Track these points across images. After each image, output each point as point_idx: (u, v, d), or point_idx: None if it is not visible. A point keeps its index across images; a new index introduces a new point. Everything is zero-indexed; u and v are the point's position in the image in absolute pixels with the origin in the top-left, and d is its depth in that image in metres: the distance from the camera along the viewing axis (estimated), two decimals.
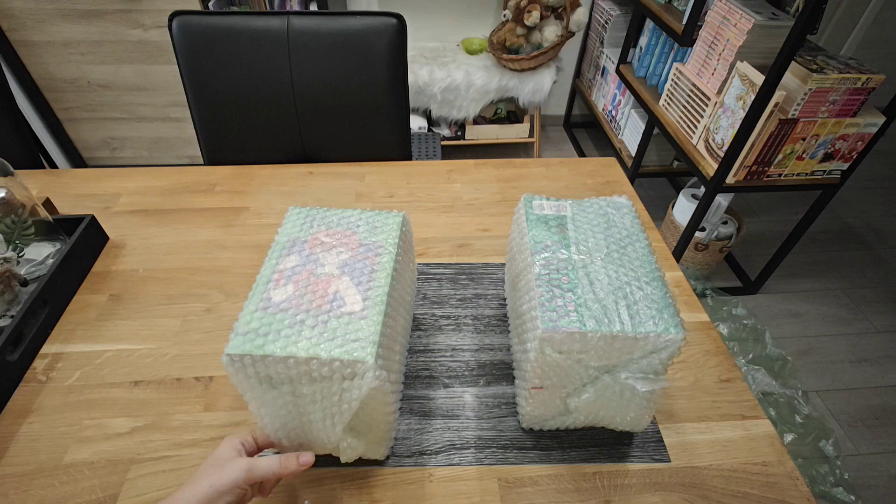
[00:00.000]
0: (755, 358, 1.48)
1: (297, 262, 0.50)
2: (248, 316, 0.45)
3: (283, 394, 0.44)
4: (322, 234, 0.54)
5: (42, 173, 0.93)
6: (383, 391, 0.45)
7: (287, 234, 0.54)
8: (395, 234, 0.54)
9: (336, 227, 0.55)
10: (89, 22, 1.77)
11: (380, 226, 0.55)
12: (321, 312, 0.45)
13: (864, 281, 1.85)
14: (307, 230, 0.54)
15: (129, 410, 0.58)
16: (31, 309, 0.62)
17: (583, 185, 0.94)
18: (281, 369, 0.43)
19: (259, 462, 0.43)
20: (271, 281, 0.48)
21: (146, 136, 2.10)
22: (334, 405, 0.44)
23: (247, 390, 0.45)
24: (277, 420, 0.46)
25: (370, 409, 0.47)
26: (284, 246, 0.52)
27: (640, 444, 0.57)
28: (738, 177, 1.41)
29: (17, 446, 0.54)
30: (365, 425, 0.49)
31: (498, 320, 0.70)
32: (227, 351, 0.42)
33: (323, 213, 0.57)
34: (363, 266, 0.50)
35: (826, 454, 1.29)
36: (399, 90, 1.03)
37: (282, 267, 0.50)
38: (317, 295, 0.47)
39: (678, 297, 0.73)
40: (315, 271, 0.49)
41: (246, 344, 0.42)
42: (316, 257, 0.51)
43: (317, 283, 0.48)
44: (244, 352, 0.42)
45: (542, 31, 1.93)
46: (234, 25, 0.94)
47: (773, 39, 1.32)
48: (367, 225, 0.55)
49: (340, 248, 0.52)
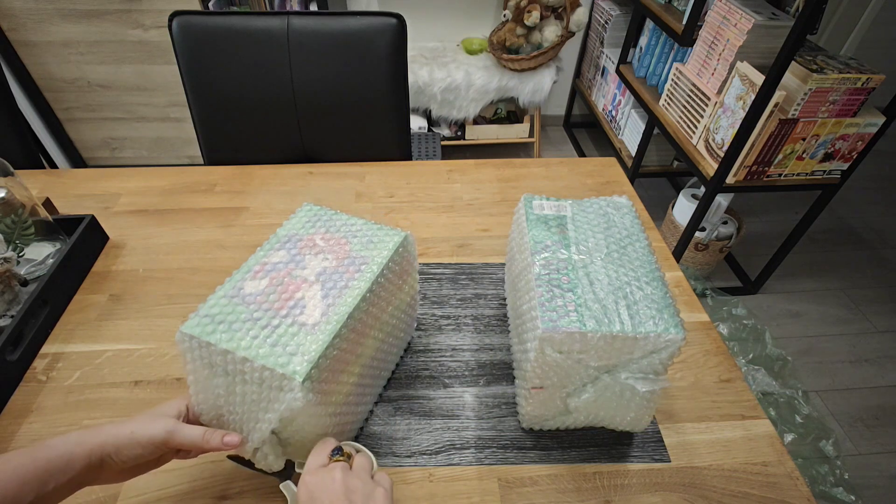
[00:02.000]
0: (755, 358, 1.48)
1: (282, 259, 0.49)
2: (215, 300, 0.45)
3: (218, 385, 0.44)
4: (319, 237, 0.52)
5: (42, 173, 0.93)
6: (313, 413, 0.43)
7: (290, 228, 0.53)
8: (386, 252, 0.51)
9: (335, 233, 0.53)
10: (89, 22, 1.77)
11: (376, 241, 0.53)
12: (278, 316, 0.44)
13: (864, 281, 1.85)
14: (308, 228, 0.53)
15: (129, 410, 0.58)
16: (31, 309, 0.62)
17: (583, 185, 0.94)
18: (219, 361, 0.42)
19: (183, 428, 0.42)
20: (251, 271, 0.48)
21: (146, 136, 2.10)
22: (260, 411, 0.43)
23: (190, 371, 0.44)
24: (210, 407, 0.46)
25: (300, 424, 0.45)
26: (281, 239, 0.51)
27: (640, 444, 0.57)
28: (738, 177, 1.41)
29: (17, 446, 0.54)
30: (296, 439, 0.47)
31: (498, 320, 0.70)
32: (182, 328, 0.42)
33: (330, 216, 0.55)
34: (338, 279, 0.48)
35: (826, 454, 1.29)
36: (399, 90, 1.03)
37: (267, 259, 0.49)
38: (281, 297, 0.46)
39: (678, 297, 0.73)
40: (293, 272, 0.48)
41: (198, 327, 0.42)
42: (301, 258, 0.50)
43: (288, 285, 0.47)
44: (194, 333, 0.42)
45: (542, 31, 1.93)
46: (234, 25, 0.94)
47: (773, 39, 1.32)
48: (365, 237, 0.53)
49: (329, 254, 0.51)
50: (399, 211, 0.87)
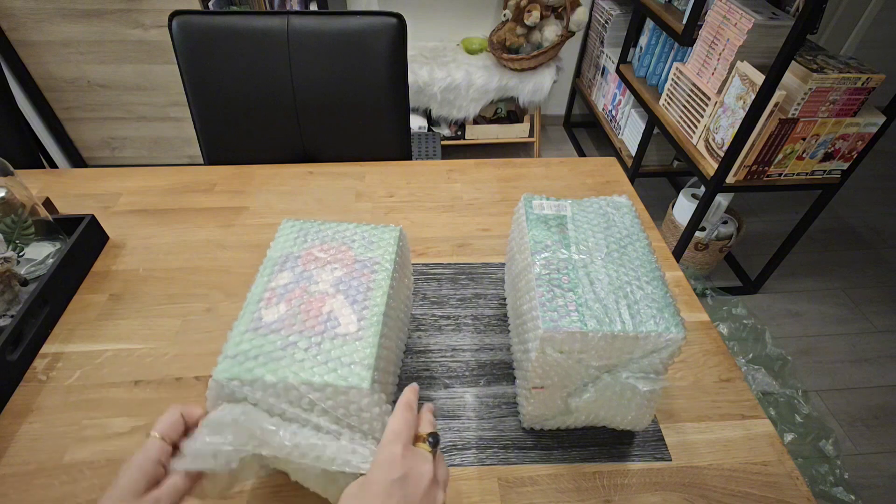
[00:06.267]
0: (755, 358, 1.48)
1: (289, 280, 0.47)
2: (238, 337, 0.42)
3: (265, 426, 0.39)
4: (316, 250, 0.51)
5: (42, 173, 0.93)
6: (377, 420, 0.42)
7: (280, 248, 0.51)
8: (391, 249, 0.52)
9: (331, 242, 0.52)
10: (89, 22, 1.77)
11: (376, 241, 0.53)
12: (314, 333, 0.43)
13: (864, 281, 1.85)
14: (300, 245, 0.51)
15: (129, 410, 0.58)
16: (31, 309, 0.62)
17: (583, 185, 0.94)
18: (270, 396, 0.39)
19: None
20: (262, 300, 0.45)
21: (146, 136, 2.10)
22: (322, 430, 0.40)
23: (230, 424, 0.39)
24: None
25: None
26: (276, 262, 0.49)
27: (641, 444, 0.57)
28: (738, 176, 1.41)
29: (17, 446, 0.54)
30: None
31: (498, 320, 0.70)
32: (214, 376, 0.40)
33: (317, 227, 0.54)
34: (358, 284, 0.47)
35: (826, 454, 1.29)
36: (399, 90, 1.02)
37: (273, 284, 0.47)
38: (310, 315, 0.44)
39: (678, 297, 0.73)
40: (308, 289, 0.46)
41: (235, 367, 0.40)
42: (310, 274, 0.48)
43: (310, 302, 0.45)
44: (232, 376, 0.39)
45: (542, 31, 1.93)
46: (234, 25, 0.94)
47: (773, 39, 1.32)
48: (363, 240, 0.53)
49: (335, 264, 0.49)
50: (399, 211, 0.87)
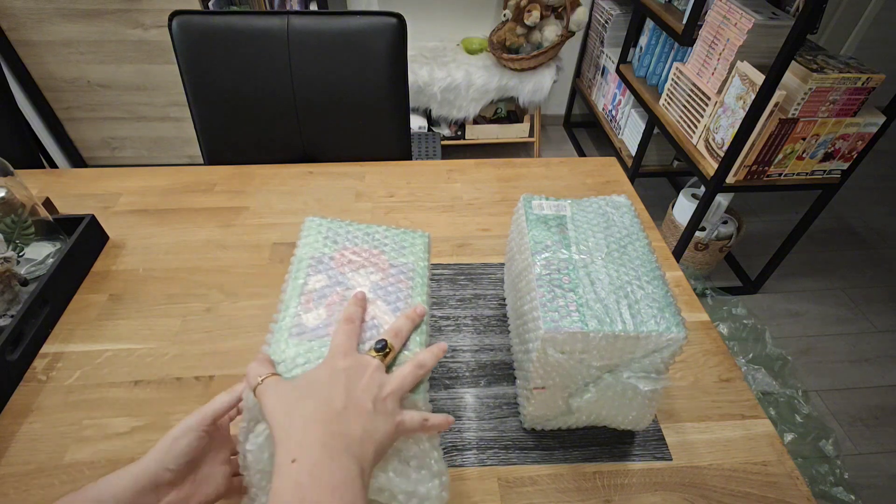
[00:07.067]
0: (755, 358, 1.48)
1: (325, 283, 0.45)
2: (283, 343, 0.41)
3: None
4: (349, 252, 0.49)
5: (42, 173, 0.93)
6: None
7: (309, 248, 0.49)
8: (424, 255, 0.51)
9: (362, 245, 0.50)
10: (89, 22, 1.77)
11: (407, 245, 0.52)
12: (361, 340, 0.41)
13: (864, 281, 1.85)
14: (332, 245, 0.50)
15: (129, 410, 0.58)
16: (31, 309, 0.62)
17: (583, 185, 0.94)
18: None
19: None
20: (300, 303, 0.44)
21: (146, 136, 2.10)
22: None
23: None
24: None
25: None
26: (308, 263, 0.48)
27: (642, 443, 0.57)
28: (738, 176, 1.41)
29: (17, 446, 0.54)
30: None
31: (498, 320, 0.70)
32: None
33: (346, 228, 0.52)
34: (396, 290, 0.46)
35: (826, 454, 1.29)
36: (399, 90, 1.02)
37: (310, 287, 0.45)
38: None
39: (678, 297, 0.73)
40: (346, 293, 0.45)
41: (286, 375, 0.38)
42: (345, 277, 0.46)
43: None
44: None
45: (542, 31, 1.93)
46: (234, 25, 0.94)
47: (773, 39, 1.32)
48: (394, 244, 0.51)
49: (370, 267, 0.48)
50: (399, 211, 0.87)
